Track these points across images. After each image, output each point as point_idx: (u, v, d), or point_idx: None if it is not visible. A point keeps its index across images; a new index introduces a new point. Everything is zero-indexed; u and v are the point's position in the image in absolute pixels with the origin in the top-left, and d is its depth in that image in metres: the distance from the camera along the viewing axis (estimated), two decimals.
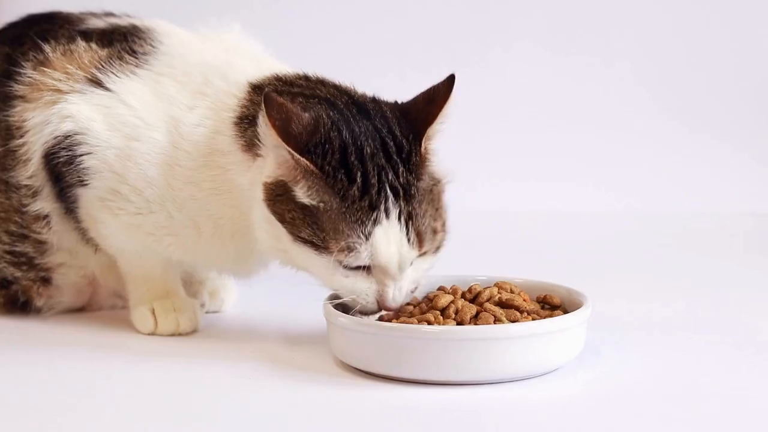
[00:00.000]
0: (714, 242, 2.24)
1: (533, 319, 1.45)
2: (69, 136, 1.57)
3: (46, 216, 1.63)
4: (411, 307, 1.50)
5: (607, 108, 2.59)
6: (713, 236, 2.28)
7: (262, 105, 1.41)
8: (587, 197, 2.48)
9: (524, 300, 1.48)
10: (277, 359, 1.51)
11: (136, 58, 1.60)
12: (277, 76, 1.55)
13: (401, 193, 1.43)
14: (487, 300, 1.47)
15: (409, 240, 1.43)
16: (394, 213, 1.42)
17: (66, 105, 1.57)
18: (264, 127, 1.44)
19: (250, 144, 1.48)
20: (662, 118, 2.58)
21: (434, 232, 1.46)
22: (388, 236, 1.42)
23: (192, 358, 1.53)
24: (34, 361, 1.53)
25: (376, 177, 1.43)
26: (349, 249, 1.41)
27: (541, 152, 2.55)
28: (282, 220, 1.44)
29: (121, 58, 1.60)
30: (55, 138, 1.57)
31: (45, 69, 1.60)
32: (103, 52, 1.61)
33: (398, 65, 2.56)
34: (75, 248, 1.67)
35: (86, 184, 1.58)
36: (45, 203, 1.62)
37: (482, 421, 1.32)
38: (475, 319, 1.44)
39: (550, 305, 1.51)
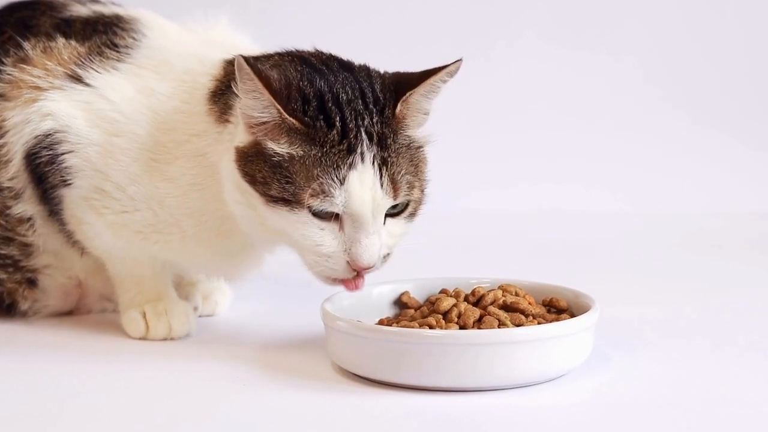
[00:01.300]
0: (726, 243, 2.24)
1: (539, 323, 1.45)
2: (50, 134, 1.57)
3: (30, 218, 1.63)
4: (412, 311, 1.50)
5: (614, 104, 2.60)
6: (725, 237, 2.28)
7: (239, 70, 1.41)
8: (594, 196, 2.48)
9: (529, 303, 1.48)
10: (273, 364, 1.51)
11: (118, 51, 1.60)
12: (254, 56, 1.53)
13: (375, 139, 1.43)
14: (491, 303, 1.47)
15: (382, 185, 1.43)
16: (368, 157, 1.42)
17: (46, 102, 1.57)
18: (244, 91, 1.42)
19: (222, 112, 1.49)
20: (672, 114, 2.59)
21: (410, 186, 1.46)
22: (362, 180, 1.42)
23: (184, 364, 1.53)
24: (20, 367, 1.53)
25: (354, 121, 1.43)
26: (323, 192, 1.41)
27: (546, 150, 2.56)
28: (253, 181, 1.43)
29: (101, 53, 1.60)
30: (36, 137, 1.57)
31: (25, 66, 1.60)
32: (83, 48, 1.61)
33: (398, 60, 2.54)
34: (61, 251, 1.67)
35: (69, 184, 1.57)
36: (28, 206, 1.62)
37: (485, 429, 1.32)
38: (479, 323, 1.44)
39: (556, 309, 1.51)
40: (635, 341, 1.59)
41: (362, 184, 1.42)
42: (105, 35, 1.62)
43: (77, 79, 1.58)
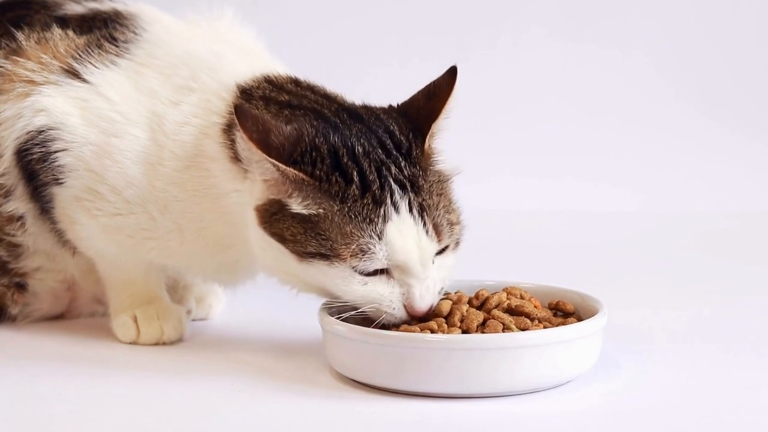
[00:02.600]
0: (738, 244, 2.24)
1: (545, 327, 1.44)
2: (43, 131, 1.56)
3: (20, 217, 1.63)
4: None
5: (623, 99, 2.60)
6: (738, 237, 2.28)
7: (235, 119, 1.40)
8: (602, 195, 2.48)
9: (535, 306, 1.48)
10: (269, 370, 1.51)
11: (117, 46, 1.60)
12: (268, 77, 1.54)
13: (408, 186, 1.43)
14: (496, 306, 1.47)
15: (426, 232, 1.43)
16: (403, 206, 1.42)
17: (40, 98, 1.57)
18: (242, 143, 1.43)
19: (238, 158, 1.47)
20: (682, 110, 2.59)
21: (450, 224, 1.46)
22: (402, 231, 1.42)
23: (177, 369, 1.53)
24: (9, 374, 1.53)
25: (375, 173, 1.42)
26: (362, 251, 1.40)
27: (553, 147, 2.56)
28: (282, 240, 1.43)
29: (100, 47, 1.59)
30: (28, 133, 1.57)
31: (18, 58, 1.60)
32: (81, 40, 1.61)
33: (401, 54, 2.56)
34: (52, 251, 1.67)
35: (62, 183, 1.57)
36: (18, 203, 1.62)
37: None
38: (483, 327, 1.44)
39: (563, 312, 1.51)
40: (645, 346, 1.58)
41: (403, 235, 1.41)
42: (105, 29, 1.62)
43: (74, 74, 1.58)
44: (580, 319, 1.48)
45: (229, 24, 1.68)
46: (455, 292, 1.51)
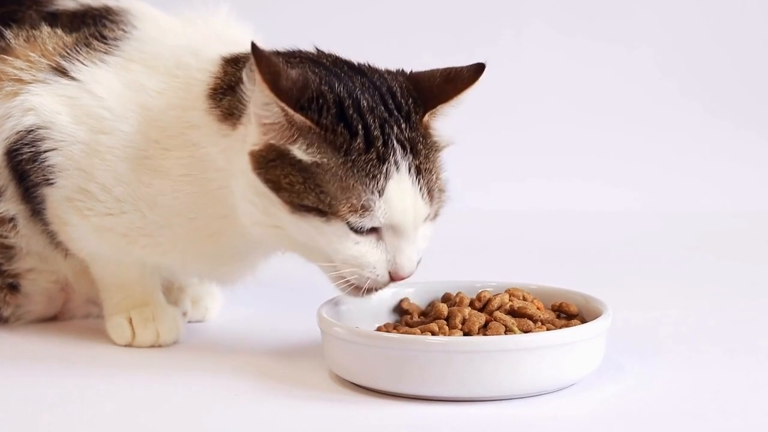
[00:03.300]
0: (746, 244, 2.24)
1: (548, 330, 1.44)
2: (32, 130, 1.56)
3: (11, 219, 1.62)
4: (414, 316, 1.50)
5: (628, 97, 2.61)
6: (744, 238, 2.28)
7: (251, 60, 1.40)
8: (606, 195, 2.49)
9: (538, 308, 1.48)
10: (266, 373, 1.51)
11: (106, 44, 1.60)
12: (245, 52, 1.54)
13: (408, 147, 1.44)
14: (498, 308, 1.47)
15: (422, 195, 1.44)
16: (404, 166, 1.43)
17: (28, 96, 1.57)
18: (250, 86, 1.43)
19: (228, 113, 1.48)
20: (689, 107, 2.59)
21: (440, 190, 1.48)
22: (401, 190, 1.42)
23: (172, 372, 1.53)
24: (1, 377, 1.53)
25: (379, 129, 1.43)
26: (363, 207, 1.41)
27: (555, 146, 2.56)
28: (277, 188, 1.42)
29: (88, 45, 1.59)
30: (17, 133, 1.57)
31: (6, 57, 1.60)
32: (69, 38, 1.61)
33: (401, 50, 2.55)
34: (44, 252, 1.67)
35: (52, 183, 1.57)
36: (10, 205, 1.62)
37: None
38: (484, 330, 1.44)
39: (566, 314, 1.51)
40: (649, 348, 1.58)
41: (402, 195, 1.42)
42: (93, 27, 1.62)
43: (62, 72, 1.58)
44: (583, 321, 1.48)
45: (225, 20, 1.68)
46: (457, 294, 1.52)
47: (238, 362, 1.54)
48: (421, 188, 1.43)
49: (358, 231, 1.42)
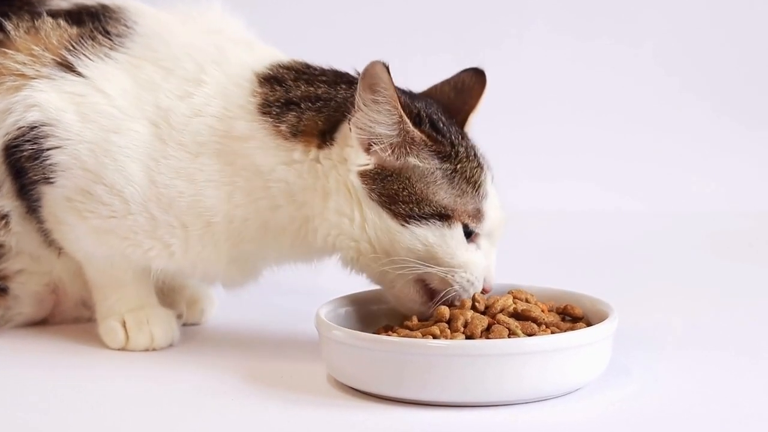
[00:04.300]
0: (756, 245, 2.24)
1: (552, 333, 1.44)
2: (35, 127, 1.56)
3: (4, 216, 1.62)
4: (414, 319, 1.49)
5: (632, 96, 2.62)
6: (754, 238, 2.28)
7: (366, 85, 1.45)
8: (612, 195, 2.49)
9: (542, 311, 1.48)
10: (264, 377, 1.51)
11: (111, 40, 1.59)
12: (281, 63, 1.58)
13: (484, 158, 1.54)
14: (501, 311, 1.47)
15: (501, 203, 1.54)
16: (490, 175, 1.53)
17: (32, 92, 1.56)
18: (365, 109, 1.47)
19: (297, 130, 1.51)
20: (694, 106, 2.60)
21: None
22: (496, 196, 1.53)
23: (167, 376, 1.53)
24: None
25: (459, 139, 1.52)
26: (478, 212, 1.50)
27: (559, 146, 2.57)
28: (394, 201, 1.48)
29: (93, 39, 1.59)
30: (19, 129, 1.56)
31: (6, 50, 1.59)
32: (74, 30, 1.60)
33: (401, 51, 2.56)
34: (37, 252, 1.66)
35: (52, 182, 1.57)
36: (4, 201, 1.61)
37: None
38: (487, 333, 1.43)
39: (571, 317, 1.51)
40: (656, 352, 1.58)
41: (497, 202, 1.53)
42: (96, 21, 1.62)
43: (68, 67, 1.57)
44: (589, 324, 1.47)
45: (219, 15, 1.68)
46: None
47: (234, 366, 1.54)
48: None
49: (466, 237, 1.49)
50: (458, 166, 1.49)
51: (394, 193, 1.48)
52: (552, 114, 2.59)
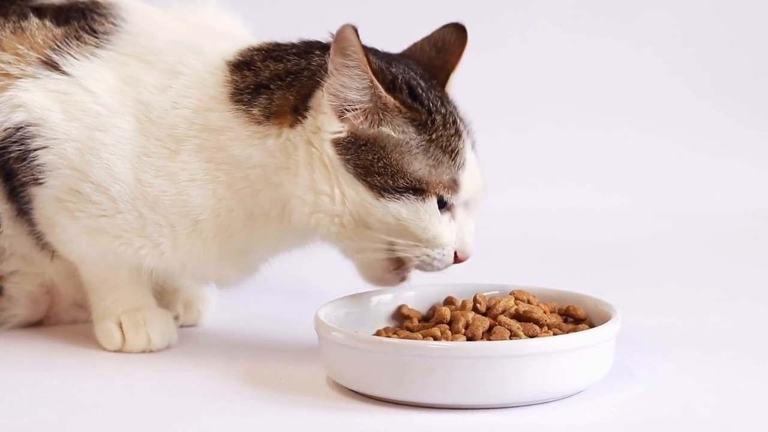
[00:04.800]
0: (759, 245, 2.24)
1: (554, 334, 1.44)
2: (21, 128, 1.56)
3: None
4: (414, 321, 1.49)
5: (637, 95, 2.62)
6: (758, 238, 2.28)
7: (337, 47, 1.44)
8: (615, 195, 2.50)
9: (544, 312, 1.48)
10: (262, 380, 1.51)
11: (97, 38, 1.60)
12: (251, 46, 1.57)
13: (465, 123, 1.52)
14: (502, 312, 1.47)
15: (481, 170, 1.52)
16: (469, 142, 1.51)
17: (17, 92, 1.56)
18: (336, 74, 1.45)
19: (268, 112, 1.50)
20: (700, 105, 2.60)
21: None
22: (474, 164, 1.50)
23: (164, 378, 1.53)
24: None
25: (442, 106, 1.49)
26: (453, 182, 1.48)
27: (563, 145, 2.57)
28: (368, 173, 1.46)
29: (79, 38, 1.59)
30: (5, 130, 1.56)
31: None
32: (59, 30, 1.60)
33: (402, 48, 2.55)
34: (30, 254, 1.66)
35: (41, 183, 1.57)
36: None
37: None
38: (488, 334, 1.43)
39: (573, 318, 1.50)
40: (660, 354, 1.58)
41: (475, 168, 1.50)
42: (83, 20, 1.62)
43: (53, 66, 1.57)
44: (592, 326, 1.47)
45: (214, 12, 1.68)
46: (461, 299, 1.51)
47: (232, 368, 1.54)
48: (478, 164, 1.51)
49: (440, 209, 1.48)
50: (434, 135, 1.47)
51: (369, 163, 1.46)
52: (554, 113, 2.60)
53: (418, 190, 1.46)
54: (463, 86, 1.59)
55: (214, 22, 1.67)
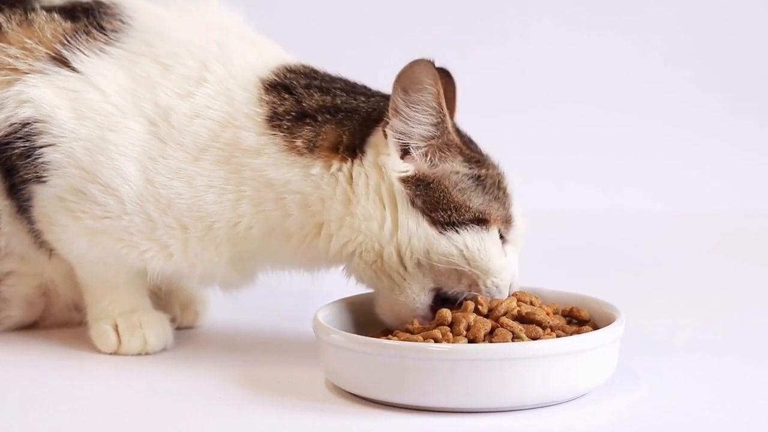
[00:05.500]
0: (765, 246, 2.24)
1: (558, 336, 1.44)
2: (27, 124, 1.55)
3: None
4: (415, 322, 1.49)
5: (641, 93, 2.63)
6: (765, 239, 2.27)
7: (406, 86, 1.46)
8: (619, 194, 2.50)
9: (547, 314, 1.48)
10: (261, 383, 1.51)
11: (106, 35, 1.59)
12: (286, 67, 1.58)
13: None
14: (504, 314, 1.46)
15: None
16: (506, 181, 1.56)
17: (25, 87, 1.56)
18: (405, 111, 1.48)
19: (314, 145, 1.51)
20: (705, 104, 2.61)
21: None
22: (519, 204, 1.55)
23: (160, 381, 1.53)
24: None
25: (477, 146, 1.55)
26: (509, 218, 1.53)
27: (566, 144, 2.58)
28: (433, 208, 1.49)
29: (88, 33, 1.59)
30: (11, 125, 1.56)
31: None
32: (68, 25, 1.60)
33: (403, 47, 2.55)
34: (27, 254, 1.66)
35: (44, 181, 1.57)
36: None
37: None
38: (490, 336, 1.43)
39: (577, 320, 1.50)
40: (665, 356, 1.58)
41: (521, 208, 1.55)
42: (91, 16, 1.62)
43: (62, 62, 1.57)
44: (595, 328, 1.47)
45: (217, 10, 1.68)
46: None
47: (229, 370, 1.54)
48: None
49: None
50: (490, 172, 1.52)
51: (435, 200, 1.49)
52: (557, 112, 2.61)
53: (481, 221, 1.49)
54: (464, 85, 1.61)
55: (216, 19, 1.66)
